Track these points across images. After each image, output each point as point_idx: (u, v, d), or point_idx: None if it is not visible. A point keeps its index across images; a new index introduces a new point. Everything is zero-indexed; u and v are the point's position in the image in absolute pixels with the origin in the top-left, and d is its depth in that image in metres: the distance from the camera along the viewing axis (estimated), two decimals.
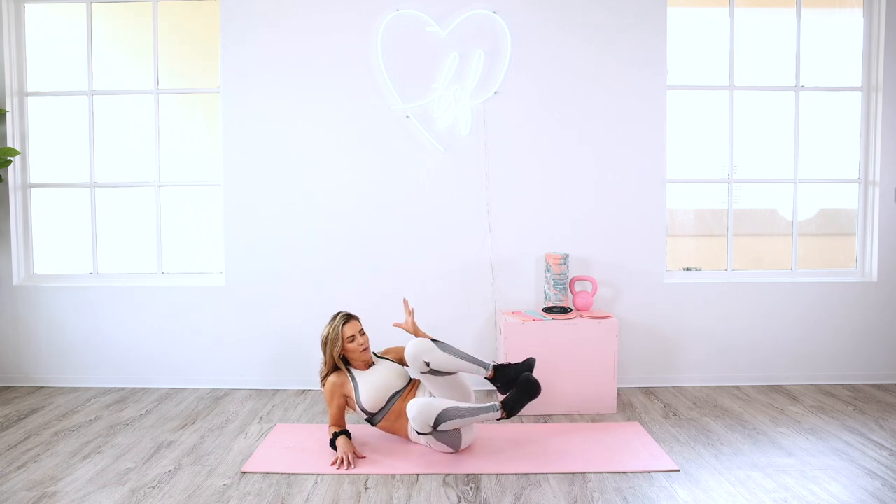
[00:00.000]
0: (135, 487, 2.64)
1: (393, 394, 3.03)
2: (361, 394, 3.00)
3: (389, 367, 3.12)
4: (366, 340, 3.08)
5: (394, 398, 3.03)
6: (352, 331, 3.04)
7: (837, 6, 4.17)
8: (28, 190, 4.10)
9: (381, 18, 3.87)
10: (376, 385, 3.01)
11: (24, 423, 3.39)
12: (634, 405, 3.67)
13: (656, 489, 2.62)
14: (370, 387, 3.01)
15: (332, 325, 3.06)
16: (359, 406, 3.00)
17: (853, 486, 2.64)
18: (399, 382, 3.07)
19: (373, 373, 3.08)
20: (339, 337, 3.02)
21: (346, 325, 3.05)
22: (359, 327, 3.08)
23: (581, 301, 3.72)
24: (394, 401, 3.02)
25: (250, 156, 3.95)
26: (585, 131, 3.94)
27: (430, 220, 3.95)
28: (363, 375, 3.06)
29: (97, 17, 4.08)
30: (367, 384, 3.02)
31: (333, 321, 3.07)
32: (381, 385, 3.02)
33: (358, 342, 3.04)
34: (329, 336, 3.04)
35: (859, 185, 4.12)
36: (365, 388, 3.01)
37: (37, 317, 4.04)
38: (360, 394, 3.00)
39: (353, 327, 3.05)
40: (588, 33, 3.90)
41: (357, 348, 3.04)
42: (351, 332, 3.04)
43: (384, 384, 3.03)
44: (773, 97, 4.15)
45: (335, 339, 3.03)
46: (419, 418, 2.76)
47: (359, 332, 3.06)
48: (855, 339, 4.06)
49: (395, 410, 3.01)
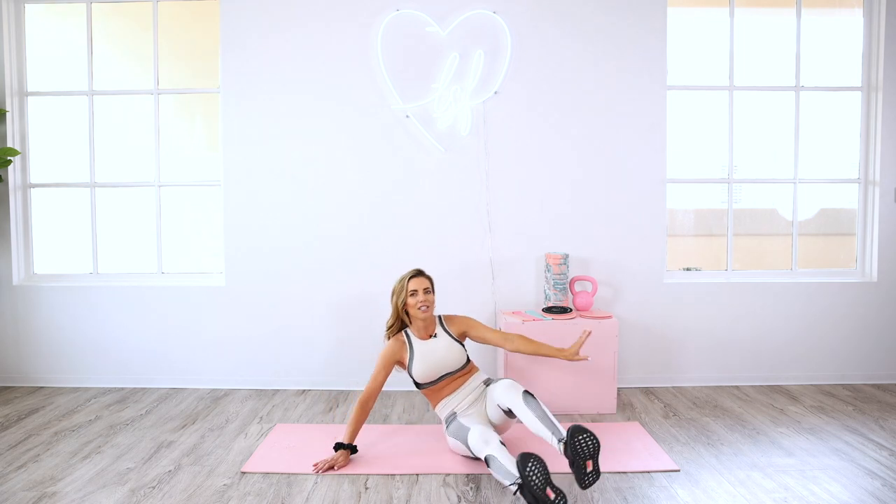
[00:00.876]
0: (135, 487, 2.64)
1: (445, 374, 3.03)
2: (415, 365, 3.01)
3: (448, 346, 3.05)
4: (428, 300, 3.02)
5: (445, 377, 3.03)
6: (416, 286, 3.02)
7: (837, 6, 4.17)
8: (28, 190, 4.10)
9: (381, 18, 3.87)
10: (431, 360, 3.01)
11: (24, 423, 3.39)
12: (634, 405, 3.67)
13: (656, 489, 2.62)
14: (424, 361, 3.01)
15: (402, 276, 3.09)
16: (409, 373, 3.03)
17: (853, 486, 2.64)
18: (454, 364, 3.04)
19: (431, 346, 3.05)
20: (404, 289, 3.04)
21: (412, 278, 3.05)
22: (425, 285, 3.05)
23: (581, 301, 3.72)
24: (444, 378, 3.03)
25: (250, 156, 3.95)
26: (585, 131, 3.94)
27: (429, 220, 3.95)
28: (421, 346, 3.05)
29: (97, 18, 4.08)
30: (423, 357, 3.02)
31: (402, 277, 3.09)
32: (436, 362, 3.01)
33: (419, 299, 3.01)
34: (396, 286, 3.08)
35: (859, 185, 4.12)
36: (420, 360, 3.01)
37: (37, 317, 4.04)
38: (414, 364, 3.01)
39: (418, 283, 3.03)
40: (588, 33, 3.90)
41: (415, 304, 3.01)
42: (415, 287, 3.02)
43: (439, 362, 3.02)
44: (773, 97, 4.15)
45: (400, 289, 3.05)
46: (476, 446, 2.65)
47: (423, 290, 3.02)
48: (855, 339, 4.06)
49: (442, 384, 3.03)
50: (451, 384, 3.03)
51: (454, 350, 3.05)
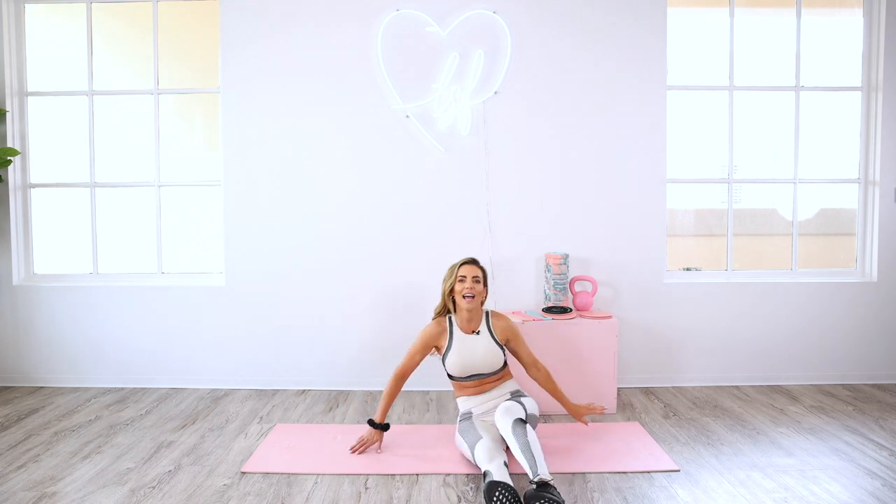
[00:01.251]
0: (135, 487, 2.64)
1: (476, 374, 3.01)
2: (449, 357, 3.01)
3: (487, 347, 3.00)
4: (475, 290, 2.98)
5: (476, 377, 3.01)
6: (465, 272, 3.01)
7: (837, 6, 4.17)
8: (28, 190, 4.10)
9: (381, 18, 3.87)
10: (467, 357, 2.99)
11: (24, 423, 3.39)
12: (634, 405, 3.67)
13: (656, 489, 2.62)
14: (460, 356, 2.99)
15: (455, 263, 3.09)
16: (443, 362, 3.04)
17: (853, 486, 2.64)
18: (489, 366, 3.00)
19: (471, 343, 3.01)
20: (454, 274, 3.03)
21: (464, 265, 3.04)
22: (475, 273, 3.02)
23: (581, 301, 3.72)
24: (475, 378, 3.01)
25: (250, 156, 3.95)
26: (585, 131, 3.94)
27: (430, 220, 3.95)
28: (461, 339, 3.02)
29: (97, 18, 4.08)
30: (459, 351, 3.00)
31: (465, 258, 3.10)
32: (471, 361, 2.99)
33: (466, 285, 2.98)
34: (447, 272, 3.09)
35: (859, 185, 4.12)
36: (456, 353, 3.00)
37: (37, 317, 4.04)
38: (448, 356, 3.01)
39: (468, 269, 3.02)
40: (588, 33, 3.90)
41: (461, 290, 2.99)
42: (464, 273, 3.01)
43: (472, 361, 2.99)
44: (773, 97, 4.15)
45: (449, 274, 3.06)
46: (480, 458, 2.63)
47: (471, 277, 2.99)
48: (855, 339, 4.06)
49: (472, 383, 3.01)
50: (479, 385, 3.01)
51: (492, 353, 3.01)
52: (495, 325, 3.07)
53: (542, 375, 3.09)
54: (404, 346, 3.92)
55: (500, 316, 3.11)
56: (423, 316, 3.89)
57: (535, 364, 3.10)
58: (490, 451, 2.61)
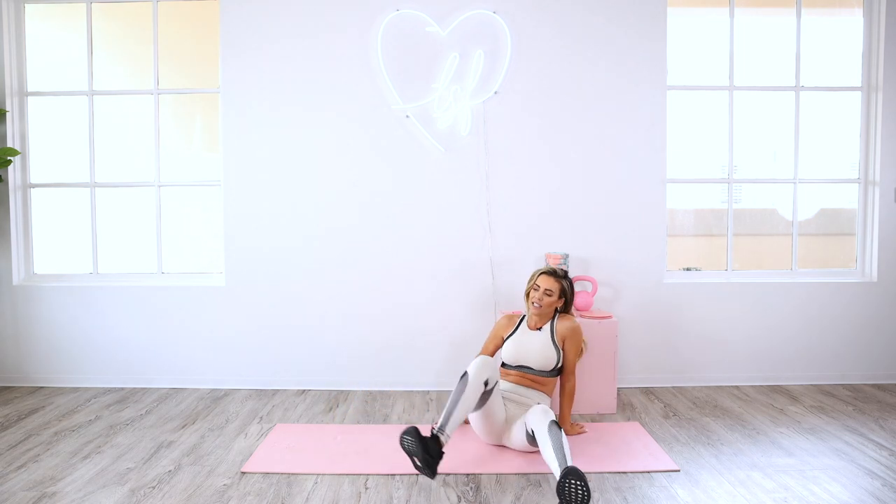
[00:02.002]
0: (135, 487, 2.64)
1: (524, 366, 3.10)
2: (507, 343, 3.18)
3: (543, 345, 3.10)
4: (545, 301, 3.10)
5: (523, 368, 3.11)
6: (542, 283, 3.13)
7: (837, 6, 4.17)
8: (28, 190, 4.10)
9: (381, 18, 3.87)
10: (521, 348, 3.13)
11: (24, 423, 3.39)
12: (634, 405, 3.67)
13: (656, 489, 2.62)
14: (515, 344, 3.15)
15: (541, 267, 3.22)
16: (502, 348, 3.21)
17: (853, 486, 2.64)
18: (538, 364, 3.09)
19: (529, 337, 3.15)
20: (533, 279, 3.18)
21: (543, 274, 3.16)
22: (551, 284, 3.12)
23: (581, 301, 3.72)
24: (521, 369, 3.10)
25: (250, 156, 3.95)
26: (585, 131, 3.94)
27: (430, 220, 3.95)
28: (523, 332, 3.18)
29: (97, 18, 4.08)
30: (517, 341, 3.15)
31: (544, 267, 3.22)
32: (524, 352, 3.12)
33: (537, 295, 3.11)
34: (533, 273, 3.24)
35: (859, 185, 4.12)
36: (513, 341, 3.16)
37: (37, 317, 4.04)
38: (507, 342, 3.18)
39: (545, 281, 3.13)
40: (588, 33, 3.90)
41: (531, 298, 3.14)
42: (540, 283, 3.12)
43: (525, 353, 3.11)
44: (773, 97, 4.15)
45: (531, 278, 3.21)
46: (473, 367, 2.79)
47: (545, 290, 3.11)
48: (855, 339, 4.06)
49: (516, 374, 3.11)
50: (522, 378, 3.11)
51: (546, 351, 3.10)
52: (559, 325, 3.17)
53: (568, 385, 3.18)
54: (404, 345, 3.94)
55: (567, 318, 3.20)
56: (423, 317, 3.89)
57: (570, 372, 3.17)
58: (481, 370, 2.75)
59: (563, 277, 3.19)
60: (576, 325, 3.18)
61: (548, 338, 3.14)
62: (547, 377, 3.11)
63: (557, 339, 3.14)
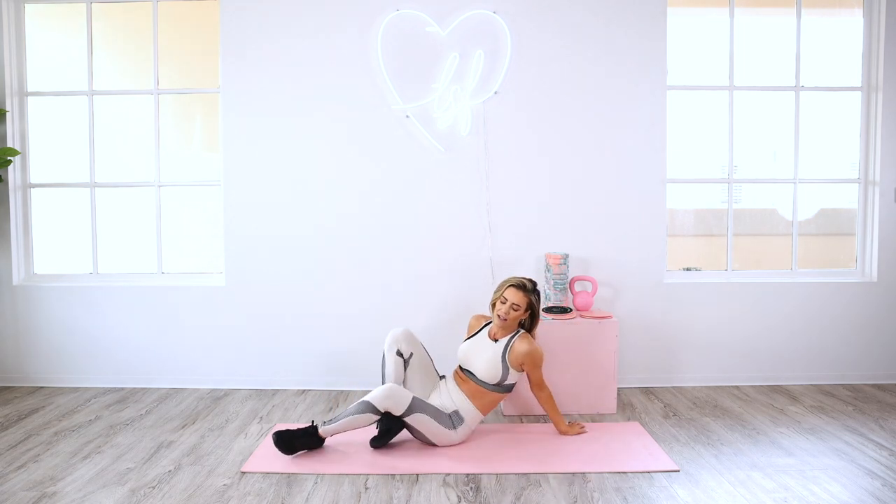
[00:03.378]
0: (135, 487, 2.64)
1: (469, 371, 3.14)
2: (462, 345, 3.25)
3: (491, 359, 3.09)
4: (510, 315, 3.07)
5: (467, 373, 3.14)
6: (509, 296, 3.08)
7: (837, 6, 4.17)
8: (28, 190, 4.10)
9: (381, 18, 3.87)
10: (470, 351, 3.18)
11: (24, 423, 3.39)
12: (634, 405, 3.67)
13: (656, 489, 2.62)
14: (467, 346, 3.21)
15: (511, 278, 3.17)
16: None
17: (853, 486, 2.64)
18: (479, 370, 3.10)
19: (484, 344, 3.16)
20: (501, 290, 3.14)
21: (512, 287, 3.11)
22: (519, 299, 3.07)
23: (581, 301, 3.72)
24: (465, 373, 3.16)
25: (250, 156, 3.95)
26: (585, 131, 3.94)
27: (429, 220, 3.95)
28: (481, 337, 3.21)
29: (97, 17, 4.08)
30: (470, 343, 3.21)
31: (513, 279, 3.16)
32: (472, 357, 3.15)
33: (504, 308, 3.08)
34: (501, 282, 3.22)
35: (859, 185, 4.12)
36: (466, 344, 3.23)
37: (37, 317, 4.04)
38: (462, 344, 3.25)
39: (512, 294, 3.09)
40: (588, 33, 3.90)
41: (496, 310, 3.11)
42: (507, 297, 3.08)
43: (472, 359, 3.15)
44: (773, 97, 4.15)
45: (499, 287, 3.17)
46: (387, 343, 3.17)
47: (511, 304, 3.07)
48: (855, 339, 4.06)
49: (461, 374, 3.18)
50: (461, 381, 3.14)
51: (492, 365, 3.08)
52: (516, 345, 3.10)
53: (542, 395, 3.17)
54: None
55: (526, 340, 3.11)
56: (423, 316, 3.89)
57: (538, 386, 3.16)
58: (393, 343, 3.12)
59: (531, 292, 3.12)
60: (534, 350, 3.08)
61: (499, 353, 3.09)
62: (488, 389, 3.08)
63: (510, 358, 3.07)
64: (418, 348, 3.23)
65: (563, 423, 3.20)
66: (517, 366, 3.09)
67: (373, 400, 2.87)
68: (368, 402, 2.87)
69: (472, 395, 3.09)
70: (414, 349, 3.21)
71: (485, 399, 3.09)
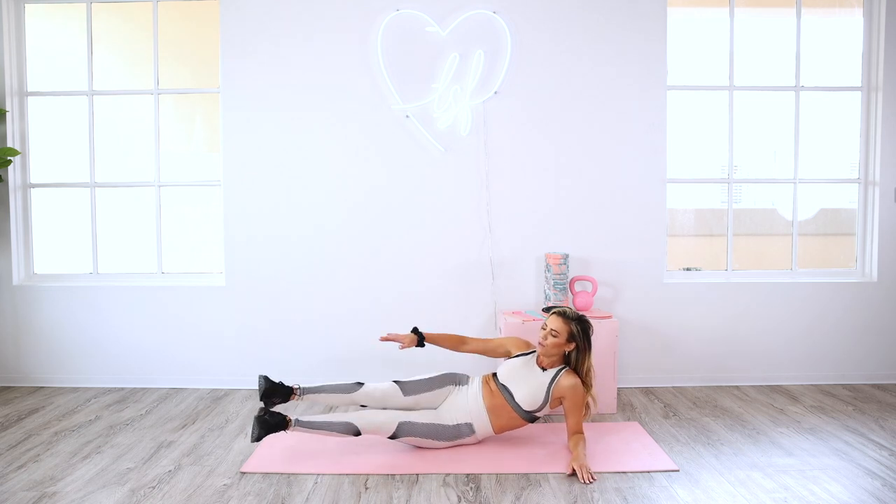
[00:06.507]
0: (135, 487, 2.64)
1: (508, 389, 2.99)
2: (511, 361, 3.10)
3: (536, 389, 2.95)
4: (549, 342, 2.94)
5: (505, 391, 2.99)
6: (549, 322, 2.97)
7: (837, 6, 4.17)
8: (28, 190, 4.10)
9: (381, 18, 3.87)
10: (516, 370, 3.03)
11: (24, 423, 3.39)
12: (634, 405, 3.67)
13: (656, 489, 2.62)
14: (517, 364, 3.06)
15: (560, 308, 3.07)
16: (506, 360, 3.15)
17: (853, 486, 2.64)
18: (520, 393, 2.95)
19: (531, 371, 3.01)
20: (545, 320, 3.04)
21: (556, 315, 3.00)
22: (558, 325, 2.93)
23: (581, 301, 3.72)
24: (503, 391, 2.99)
25: (250, 156, 3.95)
26: (585, 131, 3.94)
27: (430, 220, 3.95)
28: (529, 360, 3.06)
29: (97, 17, 4.08)
30: (519, 362, 3.07)
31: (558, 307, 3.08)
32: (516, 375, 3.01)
33: (542, 334, 2.98)
34: None
35: (859, 185, 4.12)
36: (516, 361, 3.08)
37: (37, 317, 4.04)
38: (512, 359, 3.11)
39: (552, 320, 2.97)
40: (588, 33, 3.90)
41: (539, 335, 3.00)
42: (547, 323, 2.99)
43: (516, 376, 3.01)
44: (773, 97, 4.15)
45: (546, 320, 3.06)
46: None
47: (550, 330, 2.93)
48: (855, 339, 4.06)
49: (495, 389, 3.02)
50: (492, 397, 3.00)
51: (534, 394, 2.94)
52: (560, 381, 2.94)
53: (576, 437, 2.93)
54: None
55: (571, 376, 2.95)
56: (422, 316, 3.88)
57: (575, 431, 2.95)
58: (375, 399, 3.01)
59: (573, 319, 2.95)
60: (578, 384, 2.93)
61: (546, 383, 2.95)
62: (517, 413, 2.96)
63: (554, 389, 2.94)
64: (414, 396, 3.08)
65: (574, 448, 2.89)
66: (556, 398, 2.96)
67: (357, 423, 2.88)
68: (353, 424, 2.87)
69: (494, 410, 2.97)
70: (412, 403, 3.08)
71: (504, 419, 2.98)
